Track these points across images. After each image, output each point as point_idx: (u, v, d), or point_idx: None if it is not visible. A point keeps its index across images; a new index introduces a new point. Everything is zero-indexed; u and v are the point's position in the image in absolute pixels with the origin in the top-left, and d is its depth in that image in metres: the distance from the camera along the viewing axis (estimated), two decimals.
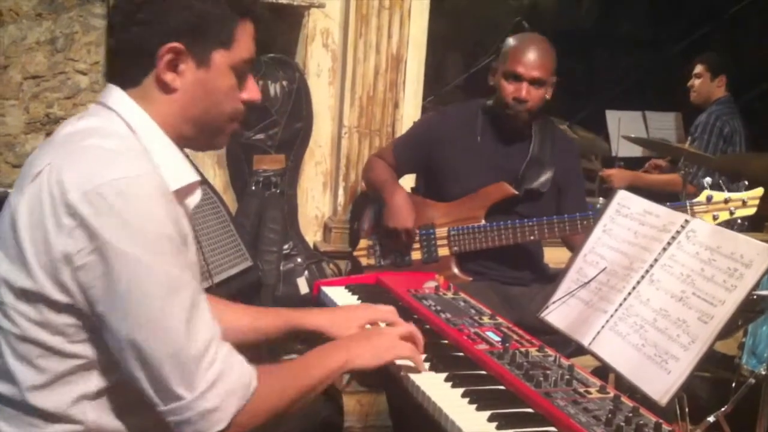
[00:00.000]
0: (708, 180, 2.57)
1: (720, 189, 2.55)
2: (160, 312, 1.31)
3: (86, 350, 1.37)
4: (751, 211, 2.51)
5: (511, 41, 2.86)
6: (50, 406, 1.37)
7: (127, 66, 1.47)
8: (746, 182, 2.55)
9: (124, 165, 1.34)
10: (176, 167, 1.47)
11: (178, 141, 1.50)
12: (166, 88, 1.45)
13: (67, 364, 1.37)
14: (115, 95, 1.46)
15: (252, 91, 1.55)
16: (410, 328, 1.77)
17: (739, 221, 2.57)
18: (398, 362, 1.73)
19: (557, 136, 2.98)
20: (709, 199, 2.51)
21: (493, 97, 2.87)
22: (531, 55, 2.76)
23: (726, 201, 2.50)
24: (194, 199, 1.53)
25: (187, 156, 1.56)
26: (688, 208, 2.51)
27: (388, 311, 1.92)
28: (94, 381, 1.39)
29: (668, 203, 2.37)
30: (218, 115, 1.51)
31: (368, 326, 1.89)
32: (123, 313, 1.30)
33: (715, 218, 2.49)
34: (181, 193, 1.47)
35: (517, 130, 2.85)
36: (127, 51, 1.46)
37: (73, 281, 1.31)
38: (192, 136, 1.50)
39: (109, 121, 1.43)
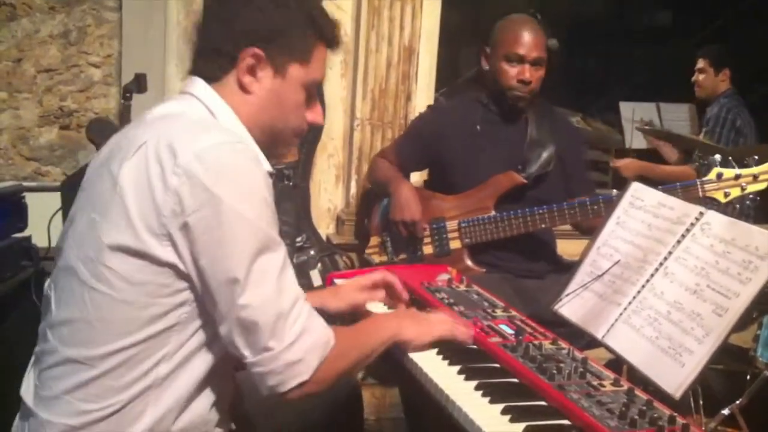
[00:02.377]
0: (717, 157, 2.54)
1: (729, 165, 2.53)
2: (256, 264, 1.39)
3: (173, 316, 1.43)
4: (762, 185, 2.48)
5: (502, 24, 2.86)
6: (124, 373, 1.42)
7: (207, 62, 1.56)
8: (756, 156, 2.52)
9: (226, 134, 1.44)
10: (258, 153, 1.54)
11: None
12: (243, 89, 1.54)
13: (151, 330, 1.42)
14: (198, 85, 1.55)
15: (316, 115, 1.65)
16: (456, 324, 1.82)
17: (751, 196, 2.53)
18: (412, 356, 1.73)
19: (554, 115, 2.99)
20: (719, 176, 2.48)
21: (488, 83, 2.85)
22: (528, 36, 2.77)
23: (737, 177, 2.48)
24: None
25: None
26: (699, 186, 2.49)
27: (380, 276, 2.04)
28: (169, 350, 1.44)
29: (678, 183, 2.36)
30: (284, 127, 1.60)
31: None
32: (224, 266, 1.38)
33: (726, 195, 2.47)
34: None
35: (516, 113, 2.85)
36: (212, 50, 1.56)
37: (182, 236, 1.38)
38: (258, 140, 1.57)
39: (191, 107, 1.53)
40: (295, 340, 1.43)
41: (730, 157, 2.61)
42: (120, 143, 1.49)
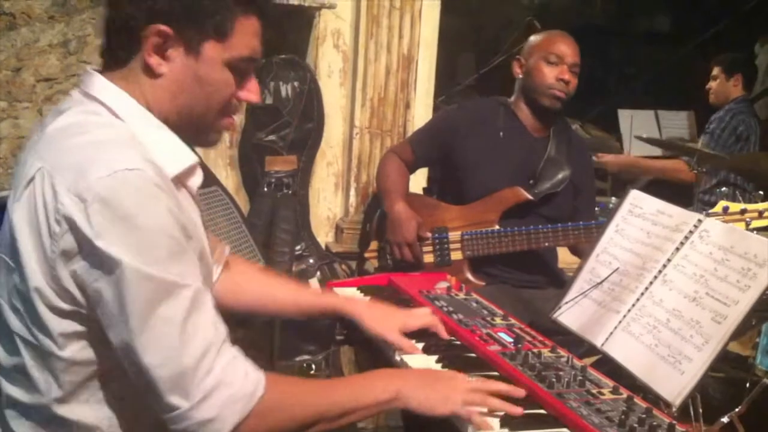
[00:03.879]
0: (724, 189, 2.55)
1: (735, 185, 2.54)
2: (152, 319, 1.25)
3: (101, 357, 1.35)
4: (767, 222, 2.49)
5: (541, 35, 2.92)
6: (74, 417, 1.37)
7: (114, 45, 1.39)
8: (761, 192, 2.54)
9: (114, 159, 1.26)
10: (172, 150, 1.40)
11: None
12: (150, 73, 1.38)
13: (84, 374, 1.35)
14: (97, 82, 1.39)
15: (250, 92, 1.47)
16: (487, 383, 1.56)
17: (755, 232, 2.55)
18: (410, 363, 1.73)
19: (573, 138, 3.00)
20: (725, 209, 2.50)
21: (524, 90, 2.87)
22: (568, 41, 2.84)
23: (742, 212, 2.49)
24: (196, 180, 1.47)
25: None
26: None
27: (424, 316, 1.91)
28: (114, 388, 1.38)
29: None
30: (206, 108, 1.42)
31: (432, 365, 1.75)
32: (116, 318, 1.26)
33: None
34: (182, 177, 1.42)
35: (547, 120, 2.87)
36: (115, 29, 1.38)
37: (73, 285, 1.28)
38: (178, 126, 1.42)
39: (93, 114, 1.37)
40: (206, 396, 1.27)
41: (736, 189, 2.61)
42: (18, 167, 1.38)
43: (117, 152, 1.29)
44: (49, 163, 1.30)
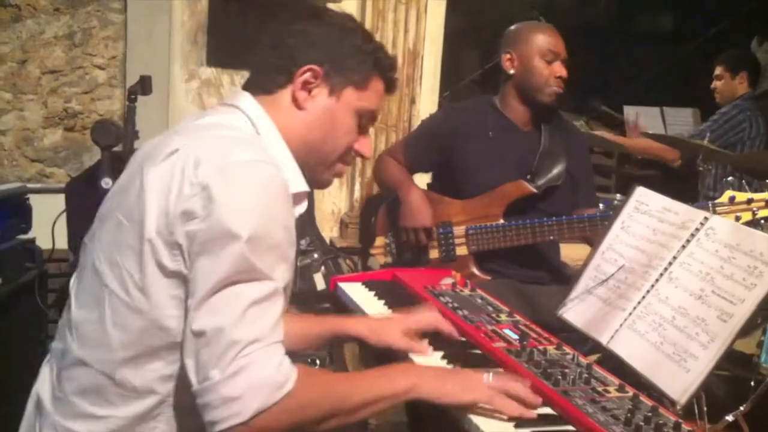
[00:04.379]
0: (730, 179, 2.54)
1: (741, 183, 2.53)
2: (228, 292, 1.32)
3: (182, 328, 1.38)
4: None
5: (525, 27, 2.89)
6: (136, 381, 1.40)
7: (265, 78, 1.57)
8: None
9: (255, 152, 1.40)
10: (292, 173, 1.53)
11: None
12: (296, 104, 1.55)
13: (161, 341, 1.39)
14: (245, 98, 1.56)
15: (364, 146, 1.65)
16: (502, 380, 1.55)
17: (762, 222, 2.54)
18: (416, 359, 1.73)
19: (566, 127, 3.00)
20: (731, 199, 2.49)
21: (518, 86, 2.86)
22: (558, 36, 2.84)
23: (749, 201, 2.48)
24: (301, 208, 1.58)
25: None
26: (711, 208, 2.49)
27: (429, 318, 1.89)
28: (181, 364, 1.40)
29: (690, 204, 2.36)
30: (333, 148, 1.59)
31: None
32: (200, 280, 1.33)
33: (737, 219, 2.47)
34: (294, 199, 1.50)
35: (540, 116, 2.87)
36: (271, 60, 1.57)
37: (186, 242, 1.35)
38: (304, 159, 1.57)
39: (235, 119, 1.52)
40: (238, 372, 1.29)
41: (742, 179, 2.60)
42: (156, 147, 1.48)
43: (256, 149, 1.43)
44: (194, 142, 1.43)
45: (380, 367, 1.58)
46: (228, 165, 1.36)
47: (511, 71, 2.85)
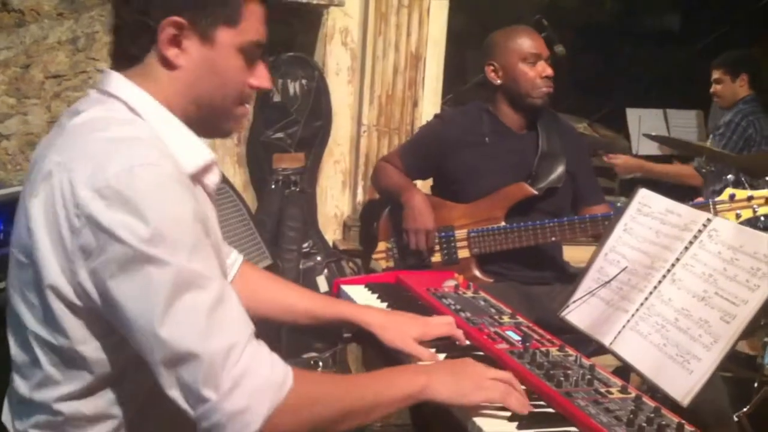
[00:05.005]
0: (730, 177, 2.55)
1: (743, 186, 2.53)
2: (177, 307, 1.23)
3: (115, 356, 1.34)
4: None
5: (501, 35, 2.90)
6: (86, 413, 1.36)
7: (128, 43, 1.41)
8: None
9: (133, 155, 1.26)
10: (190, 148, 1.41)
11: (185, 123, 1.43)
12: (168, 65, 1.39)
13: (98, 372, 1.34)
14: (115, 80, 1.40)
15: (261, 78, 1.48)
16: (506, 375, 1.56)
17: (762, 218, 2.54)
18: (420, 363, 1.73)
19: (562, 127, 3.00)
20: (731, 197, 2.49)
21: (506, 95, 2.86)
22: (536, 37, 2.86)
23: (749, 199, 2.48)
24: (213, 178, 1.48)
25: None
26: (711, 206, 2.49)
27: (444, 326, 1.86)
28: (126, 388, 1.37)
29: (690, 202, 2.36)
30: (224, 97, 1.44)
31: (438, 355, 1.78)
32: (140, 311, 1.24)
33: (738, 216, 2.48)
34: (199, 175, 1.44)
35: (534, 119, 2.87)
36: (128, 26, 1.40)
37: (90, 282, 1.27)
38: (197, 118, 1.44)
39: (112, 110, 1.38)
40: (234, 385, 1.24)
41: (742, 177, 2.60)
42: (33, 167, 1.38)
43: (136, 148, 1.29)
44: (67, 157, 1.29)
45: (387, 368, 1.56)
46: (104, 185, 1.23)
47: (498, 81, 2.86)
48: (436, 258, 2.86)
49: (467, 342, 1.86)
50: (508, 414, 1.48)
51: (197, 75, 1.41)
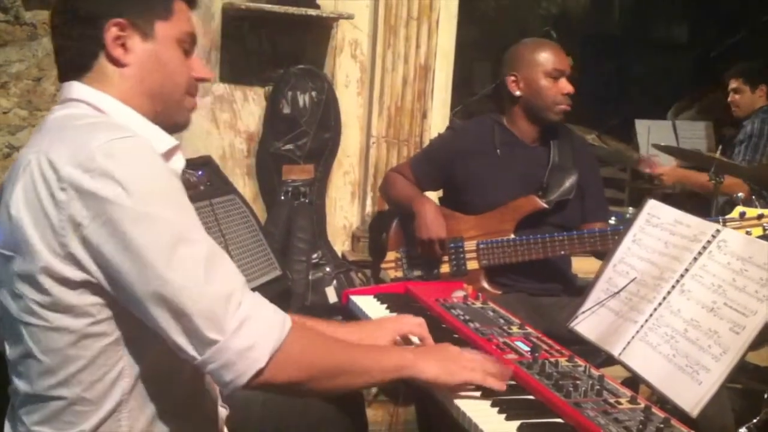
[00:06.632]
0: (741, 195, 2.55)
1: (752, 203, 2.53)
2: (175, 258, 1.30)
3: (112, 329, 1.37)
4: None
5: (526, 47, 2.90)
6: (86, 395, 1.38)
7: (74, 55, 1.49)
8: None
9: (110, 132, 1.34)
10: (155, 135, 1.48)
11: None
12: (117, 64, 1.47)
13: (96, 348, 1.36)
14: (75, 88, 1.48)
15: (199, 69, 1.58)
16: (479, 356, 1.65)
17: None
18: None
19: (575, 140, 3.01)
20: (742, 215, 2.49)
21: (526, 107, 2.87)
22: (561, 52, 2.86)
23: (759, 217, 2.48)
24: (179, 163, 1.53)
25: None
26: (721, 224, 2.49)
27: (416, 324, 1.85)
28: (126, 361, 1.39)
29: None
30: (174, 87, 1.53)
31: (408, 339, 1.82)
32: (138, 268, 1.29)
33: (747, 234, 2.48)
34: (166, 157, 1.47)
35: (548, 133, 2.88)
36: (72, 37, 1.48)
37: (84, 252, 1.30)
38: (152, 111, 1.50)
39: (79, 110, 1.46)
40: (240, 325, 1.32)
41: (753, 197, 2.60)
42: (10, 173, 1.42)
43: (112, 128, 1.37)
44: (45, 145, 1.35)
45: (383, 345, 1.69)
46: (86, 155, 1.29)
47: (518, 93, 2.86)
48: (445, 269, 2.86)
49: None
50: (517, 423, 1.48)
51: (145, 69, 1.49)
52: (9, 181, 1.40)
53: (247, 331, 1.32)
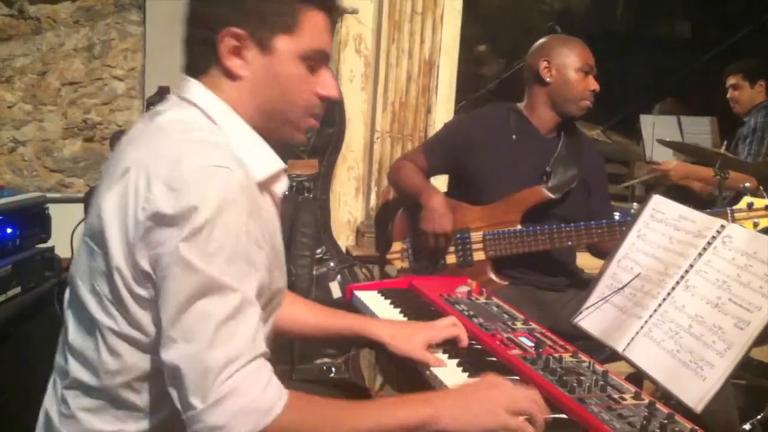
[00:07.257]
0: (748, 185, 2.55)
1: (760, 195, 2.53)
2: (189, 312, 1.26)
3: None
4: None
5: (561, 39, 2.94)
6: (137, 401, 1.39)
7: (194, 55, 1.47)
8: None
9: (209, 155, 1.31)
10: (261, 156, 1.46)
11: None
12: (231, 75, 1.44)
13: (158, 362, 1.33)
14: (194, 88, 1.45)
15: (328, 87, 1.50)
16: (528, 396, 1.49)
17: None
18: (432, 368, 1.73)
19: (581, 138, 3.03)
20: (750, 205, 2.49)
21: (552, 95, 2.88)
22: (589, 50, 2.89)
23: (767, 207, 2.48)
24: (281, 186, 1.53)
25: None
26: (729, 214, 2.49)
27: (447, 326, 1.85)
28: None
29: (708, 210, 2.35)
30: (289, 105, 1.48)
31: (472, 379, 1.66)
32: (163, 304, 1.29)
33: (755, 225, 2.47)
34: (268, 182, 1.48)
35: (565, 123, 2.92)
36: (193, 39, 1.46)
37: (151, 270, 1.31)
38: (263, 127, 1.47)
39: (190, 115, 1.43)
40: (219, 400, 1.24)
41: (760, 186, 2.60)
42: (112, 164, 1.42)
43: (212, 150, 1.34)
44: (145, 153, 1.35)
45: (395, 397, 1.57)
46: (177, 179, 1.27)
47: (548, 79, 2.86)
48: (451, 260, 2.86)
49: (471, 341, 1.86)
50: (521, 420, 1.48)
51: (260, 84, 1.44)
52: (107, 176, 1.40)
53: (224, 410, 1.25)
